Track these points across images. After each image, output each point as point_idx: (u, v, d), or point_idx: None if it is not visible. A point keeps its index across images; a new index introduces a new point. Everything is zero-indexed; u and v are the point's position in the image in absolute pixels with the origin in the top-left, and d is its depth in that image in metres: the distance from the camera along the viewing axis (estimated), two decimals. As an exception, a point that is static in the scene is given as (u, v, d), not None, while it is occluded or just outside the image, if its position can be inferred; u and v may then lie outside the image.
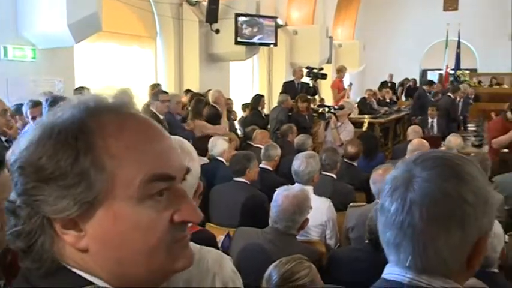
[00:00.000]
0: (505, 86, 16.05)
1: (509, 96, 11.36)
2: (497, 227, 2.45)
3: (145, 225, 0.73)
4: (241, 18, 9.64)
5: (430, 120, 9.10)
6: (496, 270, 2.43)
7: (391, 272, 1.00)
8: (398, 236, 0.96)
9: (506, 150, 6.01)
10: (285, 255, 2.20)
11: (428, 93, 11.41)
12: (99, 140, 0.72)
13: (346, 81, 10.81)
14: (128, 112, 0.79)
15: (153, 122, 0.81)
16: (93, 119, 0.74)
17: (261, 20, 10.17)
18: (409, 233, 0.94)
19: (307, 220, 2.78)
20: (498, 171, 5.45)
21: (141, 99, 7.16)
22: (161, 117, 5.76)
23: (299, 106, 7.19)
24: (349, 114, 6.86)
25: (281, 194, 2.76)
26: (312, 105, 7.70)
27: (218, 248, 2.91)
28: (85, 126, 0.73)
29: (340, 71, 10.36)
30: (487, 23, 17.49)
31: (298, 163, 3.76)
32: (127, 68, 8.77)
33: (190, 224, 2.47)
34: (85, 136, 0.72)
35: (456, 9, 18.91)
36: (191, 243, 1.48)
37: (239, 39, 9.59)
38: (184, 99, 8.21)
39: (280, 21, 11.80)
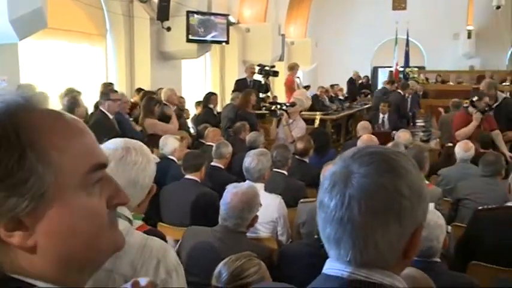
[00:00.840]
0: (451, 83, 16.63)
1: (454, 93, 11.81)
2: (440, 219, 2.53)
3: (91, 212, 0.78)
4: (193, 16, 9.57)
5: (381, 116, 9.31)
6: (438, 260, 2.51)
7: (332, 267, 1.01)
8: (338, 232, 0.97)
9: (450, 144, 6.22)
10: (235, 252, 2.19)
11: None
12: (41, 135, 0.73)
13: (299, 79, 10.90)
14: (52, 109, 0.81)
15: (76, 118, 0.83)
16: (29, 115, 0.75)
17: (212, 17, 10.13)
18: (349, 228, 0.95)
19: (256, 217, 2.78)
20: (443, 164, 5.65)
21: (90, 98, 7.02)
22: (111, 117, 5.66)
23: (251, 100, 7.18)
24: (300, 111, 6.91)
25: (230, 192, 2.76)
26: (264, 103, 7.73)
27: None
28: (23, 122, 0.73)
29: (293, 68, 10.43)
30: (434, 22, 18.10)
31: (249, 160, 3.77)
32: (76, 67, 8.54)
33: (139, 224, 2.43)
34: (26, 132, 0.72)
35: (405, 8, 19.46)
36: (139, 233, 1.57)
37: (191, 37, 9.51)
38: (136, 98, 8.09)
39: (232, 19, 11.79)
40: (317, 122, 8.12)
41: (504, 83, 15.90)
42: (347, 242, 0.96)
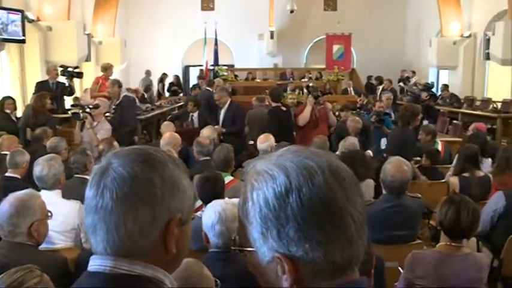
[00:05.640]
0: (258, 80, 17.72)
1: (261, 89, 12.66)
2: (240, 211, 2.72)
3: None
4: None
5: (190, 114, 9.52)
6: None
7: (93, 263, 1.04)
8: (94, 219, 1.02)
9: (251, 142, 6.78)
10: (23, 267, 2.08)
11: None
12: None
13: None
14: None
15: None
16: None
17: (4, 13, 9.22)
18: (102, 214, 1.01)
19: (41, 225, 2.63)
20: (248, 158, 6.13)
21: None
22: None
23: (46, 103, 6.82)
24: (105, 113, 6.74)
25: (6, 199, 2.60)
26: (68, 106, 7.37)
27: None
28: None
29: (107, 68, 10.07)
30: (240, 23, 19.00)
31: (40, 168, 3.56)
32: None
33: None
34: None
35: (213, 9, 20.05)
36: None
37: (-21, 34, 8.58)
38: None
39: (31, 16, 10.99)
40: (124, 123, 7.97)
41: (303, 79, 17.47)
42: (101, 228, 1.01)
